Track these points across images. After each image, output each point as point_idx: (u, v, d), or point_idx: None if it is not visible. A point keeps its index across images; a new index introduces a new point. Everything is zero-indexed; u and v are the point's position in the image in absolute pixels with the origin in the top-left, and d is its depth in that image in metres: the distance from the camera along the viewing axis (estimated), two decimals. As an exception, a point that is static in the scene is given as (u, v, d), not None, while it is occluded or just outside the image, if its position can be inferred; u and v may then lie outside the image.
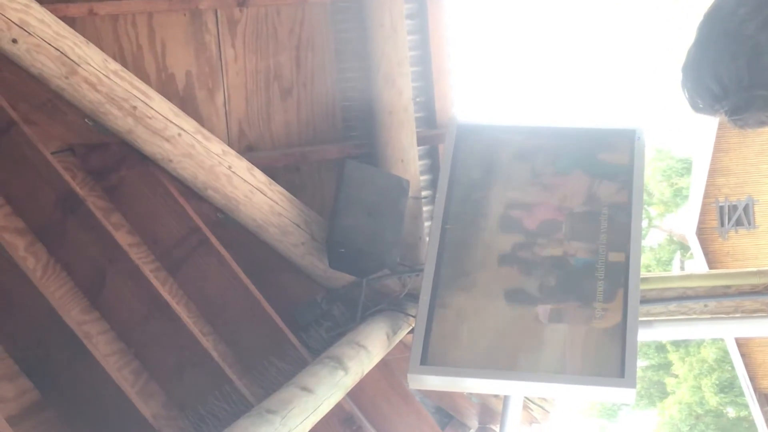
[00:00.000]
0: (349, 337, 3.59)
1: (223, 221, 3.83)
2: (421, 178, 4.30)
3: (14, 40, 3.24)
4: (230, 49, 3.97)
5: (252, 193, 3.78)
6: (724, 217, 15.76)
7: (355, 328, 3.73)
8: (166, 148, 3.61)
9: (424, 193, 4.34)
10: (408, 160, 4.08)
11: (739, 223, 15.69)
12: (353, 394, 3.75)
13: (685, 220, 17.82)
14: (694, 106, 1.88)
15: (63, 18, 3.43)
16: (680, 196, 24.09)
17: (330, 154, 4.16)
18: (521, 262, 3.59)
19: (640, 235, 3.60)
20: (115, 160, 3.66)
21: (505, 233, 3.67)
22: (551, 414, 4.60)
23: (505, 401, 3.80)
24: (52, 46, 3.32)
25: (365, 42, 4.01)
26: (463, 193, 3.76)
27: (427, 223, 4.23)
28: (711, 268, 14.69)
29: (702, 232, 15.92)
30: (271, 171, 3.94)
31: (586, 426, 25.29)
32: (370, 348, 3.56)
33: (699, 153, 16.38)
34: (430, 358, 3.40)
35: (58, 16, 3.39)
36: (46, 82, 3.39)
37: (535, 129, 3.93)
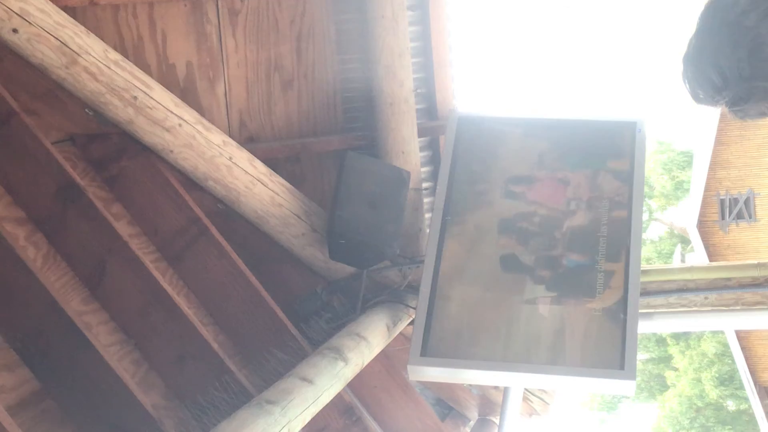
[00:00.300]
0: (350, 329, 3.59)
1: (224, 212, 3.83)
2: (422, 169, 4.30)
3: (15, 30, 3.24)
4: (231, 40, 3.96)
5: (252, 184, 3.78)
6: (725, 210, 15.74)
7: (356, 320, 3.73)
8: (167, 139, 3.61)
9: (425, 185, 4.34)
10: (409, 152, 4.08)
11: (740, 216, 15.68)
12: (353, 385, 3.76)
13: (686, 213, 17.81)
14: (695, 97, 1.88)
15: (63, 8, 3.42)
16: (681, 189, 24.09)
17: (331, 146, 4.16)
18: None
19: (641, 228, 3.60)
20: (115, 150, 3.65)
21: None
22: (551, 406, 4.60)
23: (505, 393, 3.80)
24: (52, 35, 3.31)
25: (366, 33, 4.00)
26: (463, 185, 3.76)
27: (427, 215, 4.23)
28: (712, 261, 14.68)
29: (703, 225, 15.91)
30: (271, 162, 3.94)
31: (586, 419, 25.32)
32: (371, 339, 3.56)
33: (700, 146, 16.36)
34: (430, 350, 3.41)
35: (59, 6, 3.38)
36: (46, 72, 3.39)
37: (536, 121, 3.93)
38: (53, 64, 3.36)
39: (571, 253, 3.58)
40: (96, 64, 3.42)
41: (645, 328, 3.69)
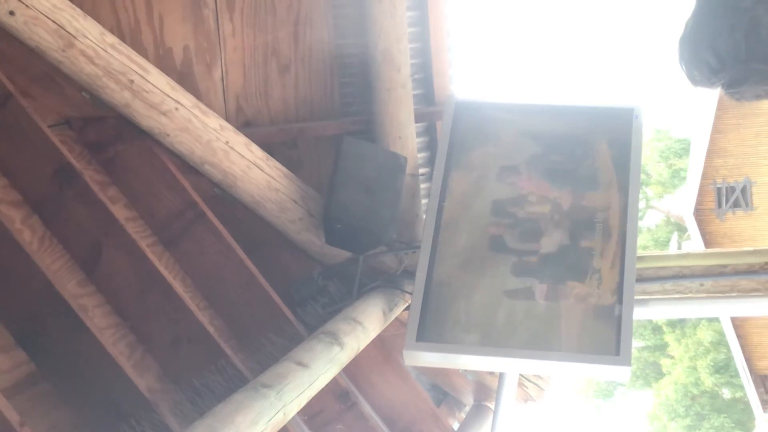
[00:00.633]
0: (345, 313, 3.59)
1: (220, 196, 3.82)
2: (419, 155, 4.29)
3: (11, 13, 3.23)
4: (228, 24, 3.95)
5: (249, 168, 3.77)
6: (722, 199, 15.78)
7: (352, 305, 3.73)
8: (163, 122, 3.61)
9: (422, 171, 4.34)
10: (406, 137, 4.07)
11: (737, 205, 15.71)
12: (349, 369, 3.76)
13: (683, 201, 17.84)
14: (691, 79, 1.88)
15: (61, -9, 3.42)
16: (678, 177, 24.10)
17: (328, 130, 4.15)
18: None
19: (637, 214, 3.60)
20: (112, 133, 3.64)
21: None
22: (546, 392, 4.61)
23: (501, 378, 3.81)
24: (49, 18, 3.30)
25: (364, 18, 3.99)
26: (460, 171, 3.77)
27: (424, 201, 4.23)
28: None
29: (699, 214, 15.93)
30: (268, 146, 3.93)
31: (582, 406, 25.38)
32: (366, 324, 3.56)
33: (697, 134, 16.38)
34: (425, 335, 3.41)
35: (56, -11, 3.38)
36: (43, 55, 3.38)
37: (534, 107, 3.93)
38: (50, 47, 3.35)
39: (567, 239, 3.58)
40: (93, 48, 3.41)
41: (640, 314, 3.69)
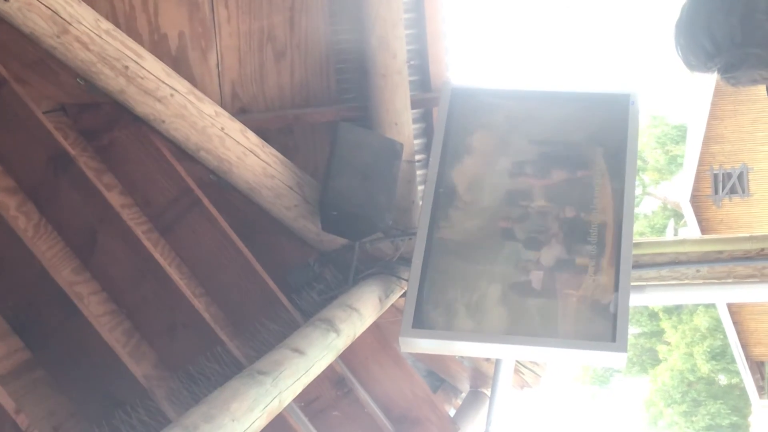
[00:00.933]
0: (342, 300, 3.59)
1: (216, 183, 3.81)
2: (415, 141, 4.28)
3: (6, -2, 3.21)
4: (223, 10, 3.94)
5: (245, 154, 3.76)
6: (719, 185, 15.79)
7: (348, 291, 3.73)
8: (158, 109, 3.59)
9: (418, 157, 4.33)
10: (402, 123, 4.06)
11: (734, 191, 15.73)
12: (345, 356, 3.76)
13: (680, 188, 17.85)
14: (687, 64, 1.88)
15: (55, -24, 3.40)
16: (675, 164, 24.10)
17: (323, 117, 4.14)
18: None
19: (633, 201, 3.60)
20: (107, 120, 3.63)
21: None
22: (543, 378, 4.62)
23: (497, 365, 3.82)
24: (43, 4, 3.29)
25: (359, 4, 3.98)
26: (457, 157, 3.76)
27: (420, 187, 4.22)
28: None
29: (696, 200, 15.95)
30: (264, 133, 3.92)
31: (578, 392, 25.43)
32: (363, 311, 3.56)
33: (694, 120, 16.37)
34: (421, 322, 3.41)
35: (50, -26, 3.36)
36: (37, 41, 3.36)
37: (530, 93, 3.92)
38: (44, 33, 3.34)
39: (565, 226, 3.58)
40: (87, 34, 3.40)
41: (637, 300, 3.69)
